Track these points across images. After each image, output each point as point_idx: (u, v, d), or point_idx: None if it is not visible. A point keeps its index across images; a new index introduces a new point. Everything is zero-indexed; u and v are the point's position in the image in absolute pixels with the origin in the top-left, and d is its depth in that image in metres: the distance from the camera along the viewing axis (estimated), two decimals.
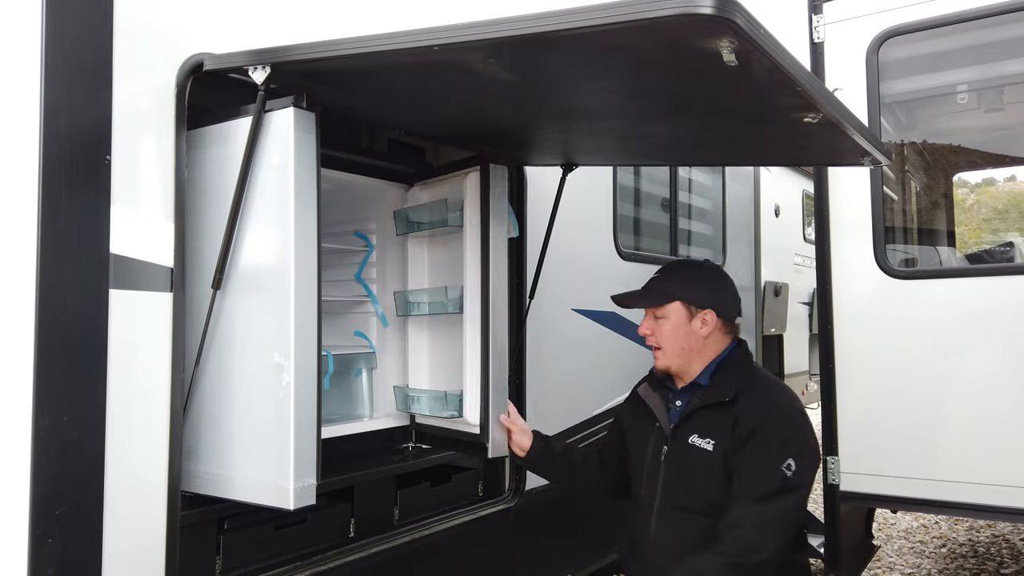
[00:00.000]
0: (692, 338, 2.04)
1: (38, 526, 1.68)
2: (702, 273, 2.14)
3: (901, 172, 4.35)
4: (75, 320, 1.75)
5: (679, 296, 2.06)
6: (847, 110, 1.86)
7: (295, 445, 1.89)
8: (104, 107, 1.82)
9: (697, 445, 1.97)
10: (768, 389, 2.04)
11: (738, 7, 1.26)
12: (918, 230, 4.61)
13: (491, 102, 2.10)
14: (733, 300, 2.12)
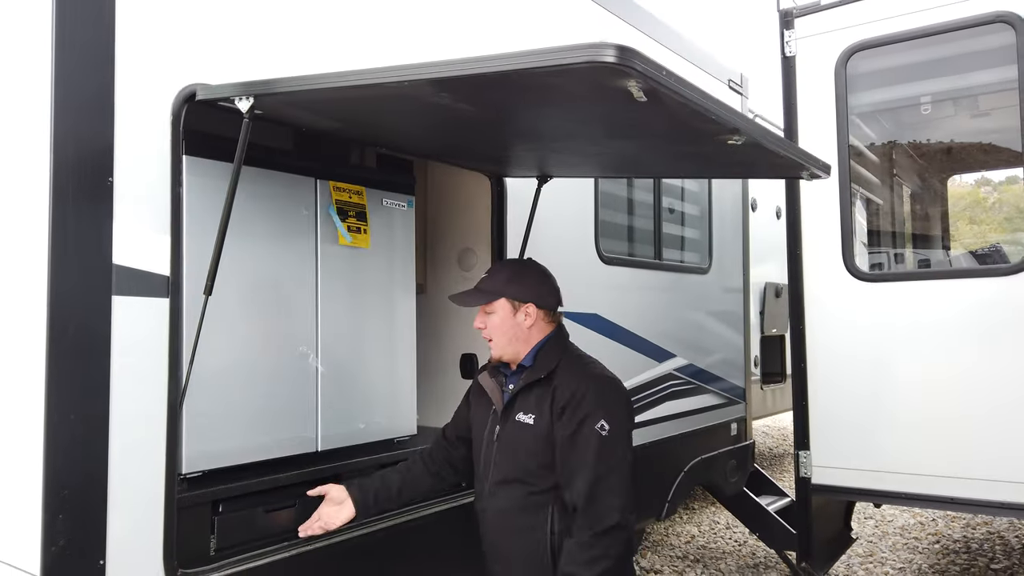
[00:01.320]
0: (518, 329, 2.27)
1: (49, 503, 1.91)
2: (524, 270, 2.36)
3: (868, 179, 4.51)
4: (82, 323, 1.99)
5: (503, 293, 2.29)
6: (769, 132, 2.06)
7: None
8: (107, 134, 2.05)
9: (521, 421, 2.21)
10: (579, 365, 2.27)
11: (637, 55, 1.47)
12: (885, 234, 4.76)
13: (457, 126, 2.32)
14: (551, 293, 2.35)
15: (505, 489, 2.24)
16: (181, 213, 2.25)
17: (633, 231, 4.59)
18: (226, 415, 2.44)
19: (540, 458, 2.17)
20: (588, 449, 2.09)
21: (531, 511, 2.19)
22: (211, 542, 2.39)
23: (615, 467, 2.09)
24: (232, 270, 2.42)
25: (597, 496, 2.05)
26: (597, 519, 2.04)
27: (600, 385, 2.20)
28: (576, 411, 2.12)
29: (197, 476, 2.36)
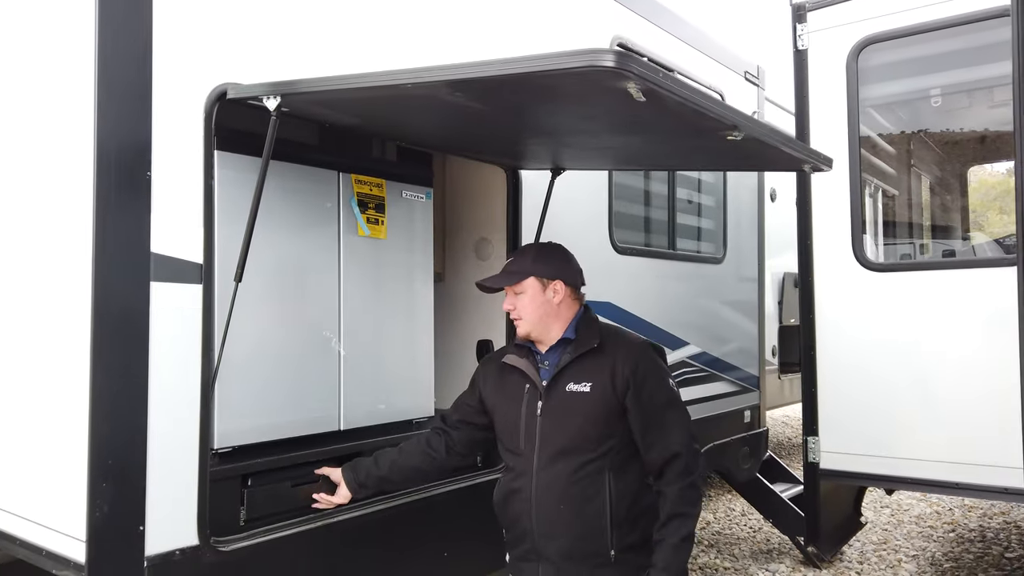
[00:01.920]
0: (548, 306, 2.38)
1: (94, 473, 2.08)
2: (549, 251, 2.48)
3: (882, 170, 4.56)
4: (123, 307, 2.15)
5: (532, 272, 2.39)
6: (769, 127, 2.16)
7: None
8: (145, 132, 2.20)
9: (575, 390, 2.31)
10: (622, 335, 2.44)
11: (633, 59, 1.58)
12: (899, 224, 4.81)
13: (472, 122, 2.44)
14: (576, 271, 2.48)
15: (561, 460, 2.29)
16: (213, 205, 2.39)
17: (647, 222, 4.69)
18: (255, 395, 2.59)
19: (599, 424, 2.28)
20: (672, 407, 2.31)
21: (588, 479, 2.26)
22: (241, 513, 2.55)
23: (688, 414, 2.36)
24: (260, 259, 2.56)
25: (690, 444, 2.28)
26: (693, 463, 2.26)
27: (652, 350, 2.39)
28: (647, 378, 2.29)
29: (228, 451, 2.52)
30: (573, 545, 2.28)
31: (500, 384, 2.48)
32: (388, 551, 2.86)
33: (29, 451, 2.47)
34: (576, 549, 2.28)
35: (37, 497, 2.43)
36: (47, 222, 2.42)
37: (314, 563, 2.61)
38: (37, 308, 2.46)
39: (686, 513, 2.23)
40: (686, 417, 2.34)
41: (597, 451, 2.27)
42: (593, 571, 2.27)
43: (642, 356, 2.33)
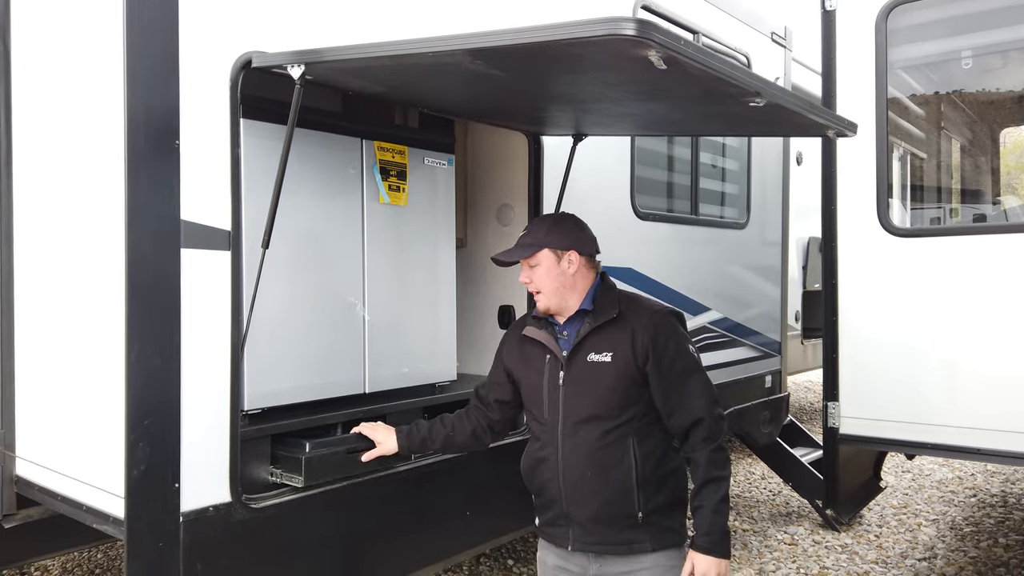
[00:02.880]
0: (563, 277, 2.38)
1: (131, 433, 2.16)
2: (562, 221, 2.46)
3: (911, 133, 4.48)
4: (155, 273, 2.21)
5: (545, 244, 2.38)
6: (791, 93, 2.14)
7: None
8: (173, 102, 2.24)
9: (596, 360, 2.33)
10: (640, 303, 2.43)
11: (654, 27, 1.58)
12: (922, 189, 4.74)
13: (493, 89, 2.44)
14: (589, 240, 2.46)
15: (585, 428, 2.31)
16: (240, 173, 2.44)
17: (669, 187, 4.67)
18: (283, 358, 2.66)
19: (620, 392, 2.30)
20: (693, 373, 2.32)
21: (613, 445, 2.29)
22: (271, 472, 2.64)
23: (709, 379, 2.38)
24: (286, 225, 2.61)
25: (714, 408, 2.31)
26: (717, 428, 2.29)
27: (670, 316, 2.40)
28: (667, 345, 2.30)
29: (258, 413, 2.60)
30: (601, 509, 2.31)
31: (522, 355, 2.50)
32: (415, 509, 2.95)
33: (70, 412, 2.57)
34: (604, 513, 2.31)
35: (78, 455, 2.53)
36: (81, 192, 2.49)
37: (341, 520, 2.70)
38: (74, 277, 2.54)
39: (718, 477, 2.27)
40: (707, 382, 2.36)
41: (620, 418, 2.30)
42: (621, 533, 2.30)
43: (661, 324, 2.34)
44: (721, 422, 2.32)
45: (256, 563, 2.45)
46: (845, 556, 5.00)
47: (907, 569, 4.80)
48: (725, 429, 2.33)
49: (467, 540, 3.22)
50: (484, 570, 4.54)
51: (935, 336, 3.71)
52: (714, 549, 2.23)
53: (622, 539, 2.31)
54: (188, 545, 2.26)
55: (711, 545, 2.23)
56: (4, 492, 2.79)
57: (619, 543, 2.31)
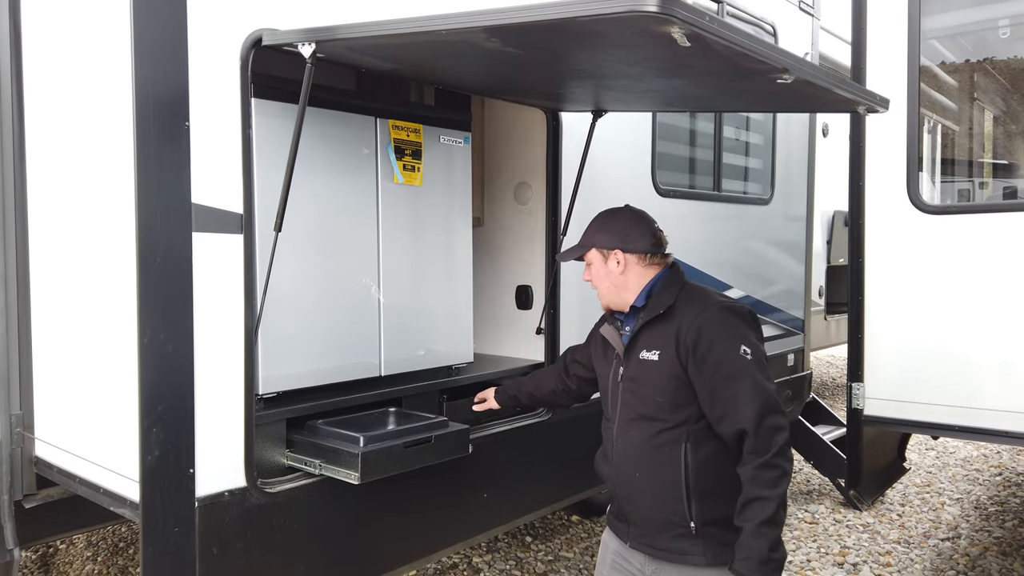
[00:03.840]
0: (612, 276, 2.30)
1: (145, 419, 2.14)
2: (610, 219, 2.36)
3: (939, 106, 4.33)
4: (167, 258, 2.17)
5: (593, 243, 2.32)
6: (821, 69, 2.05)
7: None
8: (182, 82, 2.19)
9: (646, 358, 2.23)
10: (697, 299, 2.25)
11: (677, 3, 1.50)
12: (954, 164, 4.59)
13: (510, 66, 2.37)
14: (640, 237, 2.32)
15: (636, 427, 2.24)
16: (251, 154, 2.39)
17: (692, 163, 4.57)
18: (298, 342, 2.64)
19: (668, 394, 2.18)
20: (741, 378, 2.08)
21: (663, 449, 2.17)
22: (284, 455, 2.63)
23: (769, 387, 2.12)
24: (299, 207, 2.57)
25: (765, 418, 2.05)
26: (771, 440, 2.05)
27: (724, 313, 2.19)
28: (712, 344, 2.12)
29: (273, 396, 2.58)
30: (650, 513, 2.21)
31: (599, 348, 2.46)
32: (432, 493, 2.93)
33: (86, 396, 2.56)
34: (653, 517, 2.21)
35: (94, 439, 2.53)
36: (92, 176, 2.46)
37: (358, 504, 2.69)
38: (88, 261, 2.51)
39: (763, 497, 2.03)
40: (759, 388, 2.08)
41: (672, 420, 2.17)
42: (674, 541, 2.18)
43: (707, 321, 2.15)
44: (774, 435, 2.06)
45: (272, 547, 2.45)
46: (867, 535, 4.95)
47: (930, 549, 4.75)
48: (780, 443, 2.06)
49: (484, 522, 3.20)
50: (503, 546, 4.55)
51: (965, 317, 3.61)
52: (754, 574, 2.03)
53: (674, 547, 2.18)
54: (203, 530, 2.26)
55: (747, 571, 2.03)
56: (24, 473, 2.81)
57: (671, 551, 2.19)
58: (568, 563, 4.37)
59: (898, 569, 4.47)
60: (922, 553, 4.69)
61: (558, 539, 4.70)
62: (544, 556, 4.46)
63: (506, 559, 4.41)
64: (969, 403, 3.58)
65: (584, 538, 4.74)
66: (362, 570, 2.74)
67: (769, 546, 2.02)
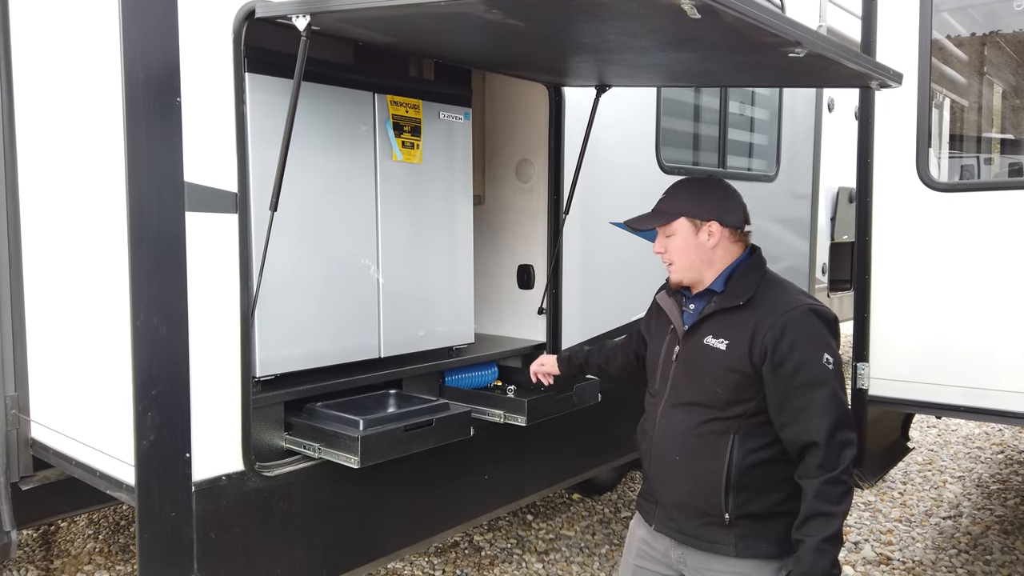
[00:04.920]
0: (701, 250, 2.14)
1: (140, 402, 2.11)
2: (703, 188, 2.21)
3: (951, 81, 4.24)
4: (159, 238, 2.12)
5: (683, 212, 2.15)
6: (833, 42, 1.98)
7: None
8: (172, 56, 2.12)
9: (711, 345, 2.09)
10: (782, 294, 2.12)
11: None
12: (965, 141, 4.51)
13: (511, 39, 2.29)
14: (736, 209, 2.20)
15: (684, 411, 2.13)
16: (245, 131, 2.32)
17: (696, 139, 4.49)
18: (295, 323, 2.59)
19: (729, 386, 2.07)
20: (818, 388, 1.97)
21: (709, 438, 2.08)
22: (282, 438, 2.59)
23: (844, 400, 2.01)
24: (296, 185, 2.52)
25: (837, 432, 1.95)
26: (840, 455, 1.95)
27: (810, 315, 2.06)
28: (792, 349, 1.99)
29: (270, 379, 2.54)
30: (683, 498, 2.13)
31: (655, 319, 2.35)
32: (433, 476, 2.90)
33: (81, 379, 2.53)
34: (685, 503, 2.13)
35: (90, 422, 2.50)
36: (83, 155, 2.40)
37: (357, 487, 2.66)
38: (80, 242, 2.46)
39: (828, 512, 1.93)
40: (836, 401, 1.97)
41: (725, 412, 2.07)
42: (704, 528, 2.10)
43: (792, 324, 2.02)
44: (844, 450, 1.96)
45: (271, 531, 2.42)
46: (868, 514, 4.95)
47: (932, 528, 4.75)
48: (848, 459, 1.96)
49: (485, 504, 3.18)
50: (504, 524, 4.55)
51: (974, 297, 3.55)
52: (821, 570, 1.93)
53: (704, 535, 2.11)
54: (201, 514, 2.23)
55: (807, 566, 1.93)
56: (20, 455, 2.79)
57: (700, 538, 2.12)
58: (569, 541, 4.37)
59: (900, 547, 4.47)
60: (924, 531, 4.69)
61: (559, 517, 4.69)
62: (545, 535, 4.45)
63: (507, 537, 4.40)
64: (977, 383, 3.53)
65: (585, 516, 4.73)
66: (362, 553, 2.72)
67: (831, 563, 1.94)
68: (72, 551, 4.21)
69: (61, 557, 4.13)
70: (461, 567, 4.05)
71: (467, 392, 3.09)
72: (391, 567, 3.95)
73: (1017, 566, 4.22)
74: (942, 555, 4.37)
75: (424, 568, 4.01)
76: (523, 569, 4.04)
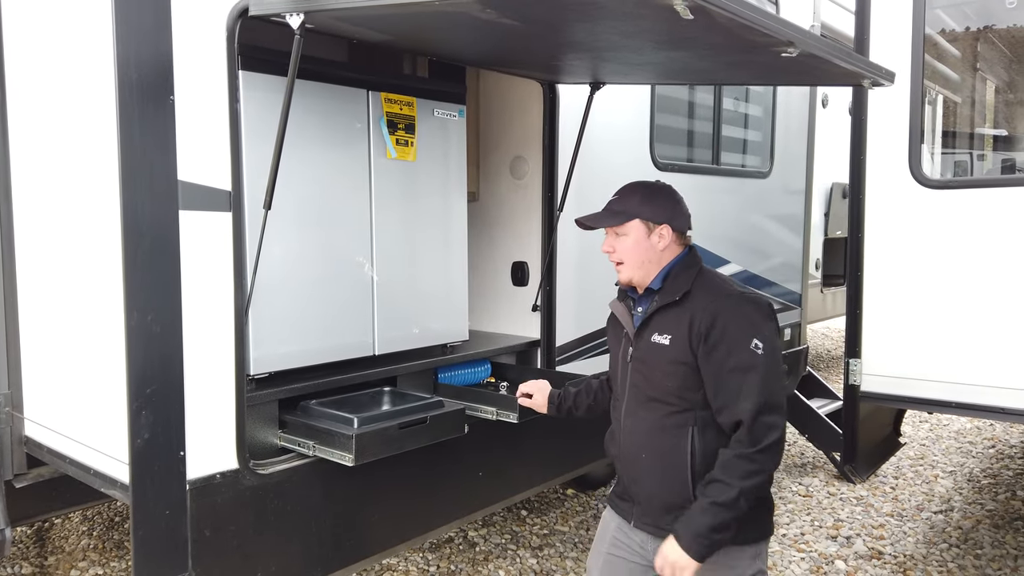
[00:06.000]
0: (651, 252, 2.23)
1: (134, 401, 2.10)
2: (657, 192, 2.28)
3: (943, 78, 4.26)
4: (153, 237, 2.12)
5: (638, 214, 2.22)
6: (826, 42, 1.98)
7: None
8: (166, 54, 2.11)
9: (657, 341, 2.18)
10: (713, 286, 2.20)
11: None
12: (957, 138, 4.53)
13: (506, 37, 2.29)
14: (684, 215, 2.29)
15: (645, 409, 2.22)
16: (239, 129, 2.32)
17: (690, 135, 4.50)
18: (289, 321, 2.59)
19: (677, 380, 2.14)
20: (748, 372, 2.04)
21: (670, 432, 2.16)
22: (277, 436, 2.60)
23: (775, 385, 2.08)
24: (290, 183, 2.51)
25: (762, 415, 2.03)
26: (762, 435, 2.02)
27: (741, 304, 2.14)
28: (723, 334, 2.07)
29: (265, 377, 2.54)
30: (655, 494, 2.21)
31: (612, 328, 2.43)
32: (428, 473, 2.91)
33: (75, 377, 2.52)
34: (658, 498, 2.21)
35: (84, 420, 2.50)
36: (76, 153, 2.39)
37: (351, 484, 2.66)
38: (74, 241, 2.46)
39: (727, 483, 2.01)
40: (765, 385, 2.05)
41: (680, 405, 2.15)
42: (677, 522, 2.13)
43: (723, 311, 2.11)
44: (767, 432, 2.03)
45: (266, 529, 2.43)
46: (860, 508, 4.97)
47: (923, 522, 4.77)
48: (769, 441, 2.02)
49: (480, 500, 3.19)
50: (498, 520, 4.56)
51: (965, 293, 3.58)
52: (685, 543, 2.02)
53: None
54: (195, 513, 2.23)
55: (680, 537, 2.04)
56: (14, 453, 2.78)
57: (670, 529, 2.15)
58: (564, 536, 4.39)
59: (891, 542, 4.49)
60: (915, 526, 4.71)
61: (554, 513, 4.71)
62: (540, 530, 4.47)
63: (502, 533, 4.42)
64: (968, 380, 3.56)
65: (580, 511, 4.75)
66: (357, 549, 2.73)
67: (711, 526, 2.00)
68: (66, 547, 4.21)
69: (55, 554, 4.13)
70: (456, 563, 4.06)
71: (460, 389, 3.10)
72: (386, 563, 3.96)
73: (1007, 560, 4.25)
74: (933, 549, 4.40)
75: (419, 564, 4.02)
76: (517, 564, 4.05)
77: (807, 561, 4.25)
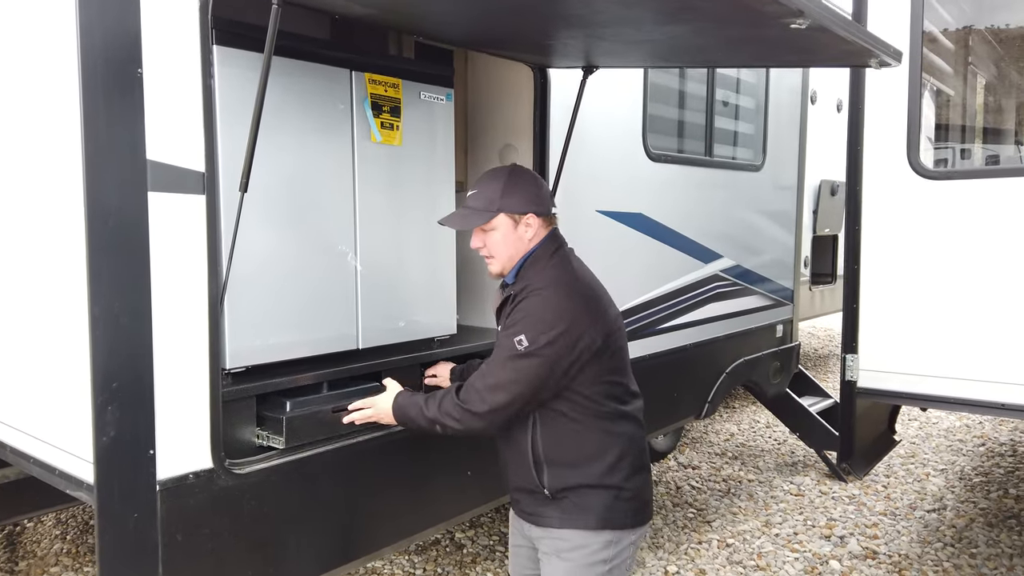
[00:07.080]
0: (520, 243, 2.21)
1: (99, 396, 1.96)
2: (516, 180, 2.22)
3: (940, 69, 4.19)
4: (119, 221, 1.97)
5: (502, 208, 2.18)
6: (837, 14, 1.88)
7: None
8: (133, 24, 1.97)
9: (500, 332, 2.22)
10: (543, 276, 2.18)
11: None
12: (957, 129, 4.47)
13: (497, 12, 2.18)
14: (546, 197, 2.25)
15: None
16: (213, 106, 2.19)
17: (683, 126, 4.40)
18: (268, 312, 2.46)
19: None
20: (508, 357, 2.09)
21: (516, 420, 2.21)
22: (256, 433, 2.46)
23: (516, 379, 2.09)
24: (268, 167, 2.38)
25: (484, 390, 2.11)
26: (472, 397, 2.13)
27: (538, 296, 2.13)
28: (515, 318, 2.12)
29: (241, 371, 2.40)
30: (513, 481, 2.31)
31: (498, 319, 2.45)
32: (407, 472, 2.78)
33: (38, 371, 2.38)
34: (516, 485, 2.30)
35: (47, 417, 2.35)
36: (36, 131, 2.24)
37: (334, 485, 2.53)
38: (34, 227, 2.31)
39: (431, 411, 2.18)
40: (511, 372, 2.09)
41: None
42: (534, 506, 2.27)
43: (524, 300, 2.14)
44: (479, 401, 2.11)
45: (242, 532, 2.29)
46: (853, 507, 4.91)
47: (916, 521, 4.71)
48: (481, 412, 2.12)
49: (468, 501, 3.07)
50: (486, 521, 4.45)
51: (965, 287, 3.51)
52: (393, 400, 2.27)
53: (536, 511, 2.27)
54: (166, 515, 2.09)
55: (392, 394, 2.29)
56: None
57: (534, 514, 2.28)
58: None
59: (885, 541, 4.43)
60: (909, 525, 4.65)
61: None
62: None
63: (489, 535, 4.30)
64: (969, 375, 3.49)
65: None
66: (340, 553, 2.60)
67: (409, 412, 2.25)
68: (38, 552, 4.05)
69: (27, 559, 3.97)
70: (442, 565, 3.94)
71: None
72: (371, 566, 3.84)
73: (1003, 559, 4.19)
74: (928, 549, 4.34)
75: (405, 567, 3.90)
76: (505, 566, 3.94)
77: (801, 561, 4.17)
